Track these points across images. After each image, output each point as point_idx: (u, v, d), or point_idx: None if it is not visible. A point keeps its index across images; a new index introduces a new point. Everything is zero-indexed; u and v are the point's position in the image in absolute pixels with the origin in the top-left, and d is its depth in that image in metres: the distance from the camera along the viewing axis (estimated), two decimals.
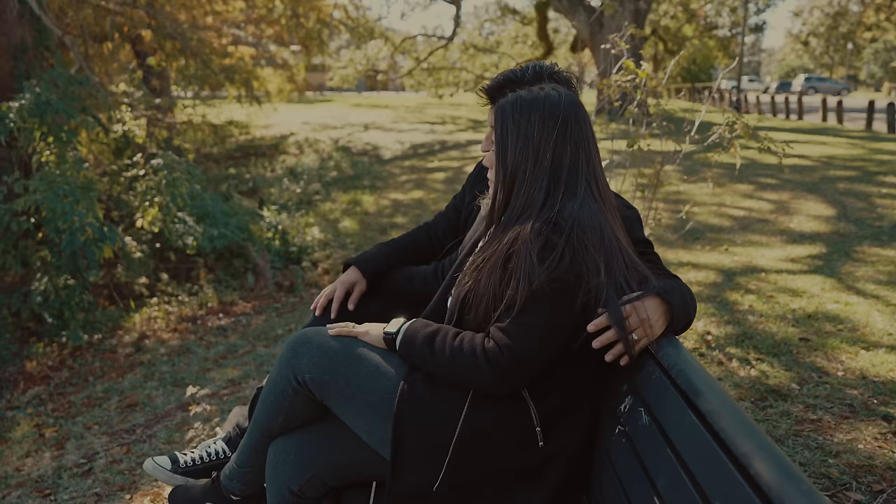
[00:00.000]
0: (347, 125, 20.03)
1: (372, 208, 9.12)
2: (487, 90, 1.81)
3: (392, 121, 21.03)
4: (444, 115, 22.64)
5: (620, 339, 1.37)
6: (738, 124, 3.67)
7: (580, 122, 1.51)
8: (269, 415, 1.61)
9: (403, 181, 11.22)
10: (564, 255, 1.37)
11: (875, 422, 2.80)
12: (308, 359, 1.53)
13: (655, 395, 1.29)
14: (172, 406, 3.71)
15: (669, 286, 1.45)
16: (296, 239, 7.13)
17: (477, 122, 20.16)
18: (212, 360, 4.44)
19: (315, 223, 8.01)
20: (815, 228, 6.48)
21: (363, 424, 1.52)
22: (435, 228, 2.20)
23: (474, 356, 1.40)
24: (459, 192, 2.21)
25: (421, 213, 8.68)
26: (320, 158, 14.02)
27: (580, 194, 1.46)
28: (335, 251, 6.91)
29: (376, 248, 2.13)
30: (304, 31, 16.59)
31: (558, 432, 1.43)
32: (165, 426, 3.41)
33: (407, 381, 1.47)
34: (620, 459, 1.33)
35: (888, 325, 3.87)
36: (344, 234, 7.65)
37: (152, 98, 7.88)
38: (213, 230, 6.11)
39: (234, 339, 4.86)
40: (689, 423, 1.13)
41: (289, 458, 1.58)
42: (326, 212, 8.80)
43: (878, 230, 6.23)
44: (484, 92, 1.82)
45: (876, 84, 46.14)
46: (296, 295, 5.91)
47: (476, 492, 1.44)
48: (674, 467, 1.13)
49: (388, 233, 7.74)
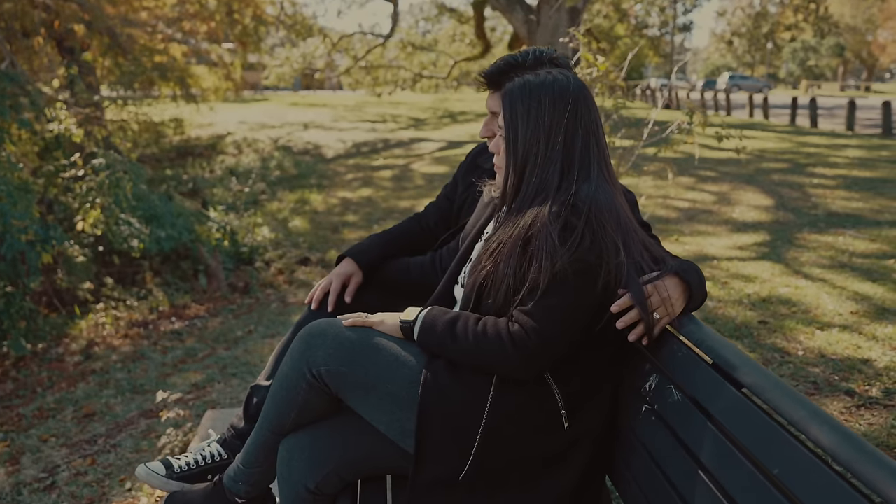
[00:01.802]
0: (286, 124, 19.68)
1: (321, 207, 8.99)
2: (488, 76, 1.80)
3: (332, 119, 20.78)
4: (384, 114, 22.52)
5: (643, 318, 1.38)
6: (697, 116, 3.79)
7: (589, 105, 1.51)
8: (281, 411, 1.55)
9: (350, 179, 11.10)
10: (584, 236, 1.37)
11: (839, 397, 2.94)
12: (323, 351, 1.48)
13: (685, 371, 1.30)
14: (134, 414, 3.55)
15: (686, 265, 1.47)
16: (246, 239, 6.94)
17: (418, 121, 20.12)
18: (171, 366, 4.28)
19: (264, 223, 7.82)
20: (756, 218, 6.75)
21: (382, 416, 1.49)
22: (426, 219, 2.18)
23: (500, 340, 1.38)
24: (450, 181, 2.19)
25: (371, 210, 8.60)
26: (261, 158, 13.71)
27: (594, 176, 1.47)
28: (288, 251, 6.77)
29: (370, 240, 2.10)
30: (240, 27, 16.17)
31: (581, 415, 1.44)
32: (130, 435, 3.26)
33: (429, 369, 1.45)
34: (651, 437, 1.34)
35: (837, 305, 4.07)
36: (295, 233, 7.50)
37: (90, 95, 7.52)
38: (161, 231, 5.88)
39: (191, 343, 4.69)
40: (730, 397, 1.15)
41: (303, 454, 1.53)
42: (274, 211, 8.62)
43: (814, 218, 6.56)
44: (484, 77, 1.81)
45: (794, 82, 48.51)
46: (251, 296, 5.75)
47: (502, 479, 1.43)
48: (718, 439, 1.15)
49: (341, 231, 7.64)
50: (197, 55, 16.99)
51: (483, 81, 1.79)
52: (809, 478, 0.94)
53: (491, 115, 1.84)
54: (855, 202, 7.12)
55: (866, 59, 47.92)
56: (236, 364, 4.07)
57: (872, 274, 4.65)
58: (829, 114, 18.73)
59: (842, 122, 15.82)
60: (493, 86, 1.79)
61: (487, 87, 1.81)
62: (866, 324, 3.76)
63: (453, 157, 12.56)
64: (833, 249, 5.38)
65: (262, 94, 34.09)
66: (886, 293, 4.25)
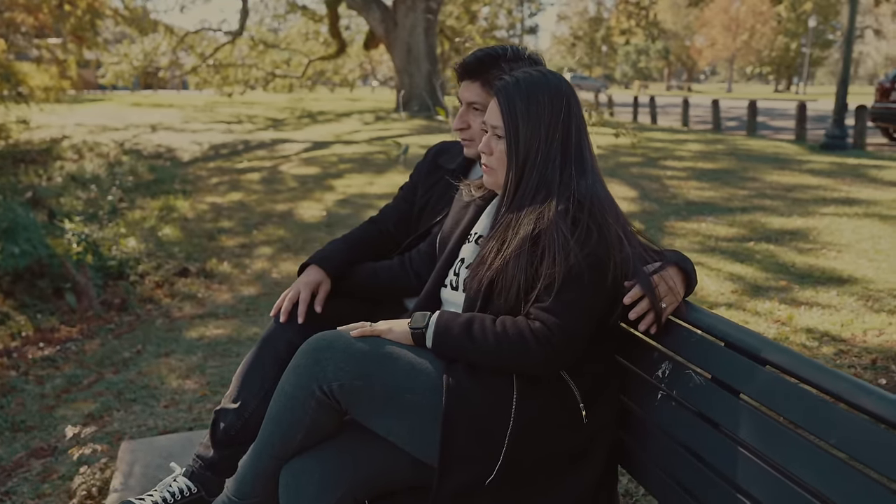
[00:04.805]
0: (130, 126, 18.23)
1: (190, 214, 8.44)
2: (466, 65, 1.79)
3: (182, 121, 19.53)
4: (239, 114, 21.54)
5: (654, 307, 1.44)
6: (594, 114, 3.99)
7: (578, 103, 1.56)
8: (286, 434, 1.44)
9: (215, 184, 10.51)
10: (591, 230, 1.40)
11: None
12: (334, 365, 1.40)
13: (703, 356, 1.37)
14: (22, 455, 3.14)
15: (681, 255, 1.55)
16: (113, 251, 6.36)
17: (277, 121, 19.47)
18: (52, 396, 3.82)
19: (129, 233, 7.21)
20: (626, 209, 7.23)
21: (402, 429, 1.43)
22: (384, 222, 2.12)
23: (522, 339, 1.38)
24: (408, 183, 2.14)
25: (247, 215, 8.21)
26: (108, 163, 12.61)
27: (589, 171, 1.51)
28: (164, 262, 6.29)
29: (332, 245, 2.00)
30: (74, 20, 14.77)
31: (596, 409, 1.47)
32: (24, 479, 2.88)
33: (449, 374, 1.41)
34: (673, 421, 1.40)
35: (718, 286, 4.46)
36: (168, 242, 6.98)
37: None
38: (14, 247, 5.24)
39: (70, 370, 4.22)
40: (763, 377, 1.23)
41: (312, 479, 1.43)
42: (138, 220, 7.96)
43: (677, 207, 7.13)
44: (462, 67, 1.80)
45: (627, 82, 52.56)
46: (130, 313, 5.28)
47: (528, 480, 1.43)
48: (756, 416, 1.22)
49: (218, 238, 7.23)
50: (20, 50, 15.31)
51: (460, 71, 1.78)
52: (869, 442, 1.02)
53: (466, 105, 1.82)
54: (707, 192, 7.84)
55: (686, 61, 52.95)
56: (133, 388, 3.73)
57: (739, 255, 5.15)
58: (662, 111, 20.45)
59: (676, 119, 17.36)
60: (470, 76, 1.78)
61: (463, 77, 1.79)
62: (747, 301, 4.16)
63: (322, 158, 12.30)
64: (700, 235, 5.89)
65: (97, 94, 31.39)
66: (755, 272, 4.73)
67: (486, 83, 1.75)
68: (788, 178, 8.49)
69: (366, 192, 9.02)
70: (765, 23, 50.39)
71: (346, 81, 32.89)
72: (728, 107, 24.55)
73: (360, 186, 9.43)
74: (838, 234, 5.58)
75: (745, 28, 51.15)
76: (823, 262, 4.85)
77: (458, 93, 1.82)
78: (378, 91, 43.40)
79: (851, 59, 11.61)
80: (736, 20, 50.95)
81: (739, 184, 8.22)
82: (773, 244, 5.42)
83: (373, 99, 33.00)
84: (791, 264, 4.85)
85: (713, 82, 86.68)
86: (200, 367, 3.96)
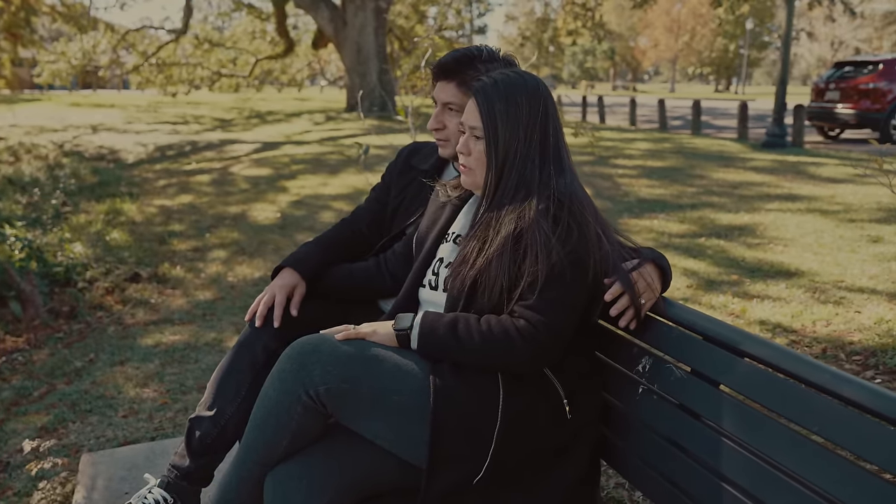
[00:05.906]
0: (70, 127, 17.60)
1: (138, 217, 8.19)
2: (442, 65, 1.79)
3: (125, 121, 18.95)
4: (184, 115, 21.02)
5: (633, 304, 1.48)
6: None
7: (554, 104, 1.58)
8: (270, 440, 1.42)
9: (164, 186, 10.23)
10: (572, 228, 1.43)
11: None
12: (320, 369, 1.39)
13: (683, 350, 1.42)
14: None
15: (657, 253, 1.59)
16: (58, 257, 6.12)
17: (224, 122, 19.08)
18: (1, 410, 3.66)
19: (74, 238, 6.95)
20: None
21: (389, 431, 1.42)
22: (357, 224, 2.10)
23: (508, 337, 1.40)
24: (380, 184, 2.13)
25: (198, 218, 8.03)
26: (47, 165, 12.14)
27: (566, 169, 1.54)
28: (114, 267, 6.08)
29: (306, 248, 1.98)
30: (8, 16, 14.16)
31: (579, 405, 1.50)
32: None
33: (436, 374, 1.42)
34: (655, 414, 1.44)
35: (675, 281, 4.58)
36: (116, 247, 6.75)
37: None
38: None
39: (18, 381, 4.05)
40: (744, 368, 1.27)
41: (299, 485, 1.41)
42: (84, 224, 7.68)
43: (629, 204, 7.29)
44: (438, 67, 1.80)
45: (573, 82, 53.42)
46: (79, 320, 5.09)
47: (515, 477, 1.45)
48: (739, 407, 1.26)
49: (169, 242, 7.04)
50: None
51: (436, 72, 1.78)
52: (851, 429, 1.07)
53: (441, 106, 1.82)
54: (657, 189, 8.04)
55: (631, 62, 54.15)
56: (88, 399, 3.60)
57: (692, 251, 5.30)
58: (609, 111, 20.87)
59: (624, 118, 17.73)
60: (445, 76, 1.78)
61: (439, 77, 1.79)
62: (702, 295, 4.28)
63: (273, 159, 12.12)
64: (654, 232, 6.03)
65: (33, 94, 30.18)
66: (708, 267, 4.87)
67: (462, 84, 1.76)
68: (733, 175, 8.78)
69: (320, 193, 8.93)
70: (705, 24, 52.04)
71: (295, 81, 32.48)
72: (672, 106, 25.24)
73: (314, 187, 9.33)
74: (783, 230, 5.80)
75: (687, 30, 52.73)
76: (771, 257, 5.03)
77: (433, 93, 1.82)
78: (327, 91, 43.00)
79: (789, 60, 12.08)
80: (677, 22, 52.47)
81: (688, 181, 8.46)
82: (723, 240, 5.59)
83: (322, 99, 32.67)
84: (741, 259, 5.02)
85: (656, 82, 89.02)
86: (159, 374, 3.85)
